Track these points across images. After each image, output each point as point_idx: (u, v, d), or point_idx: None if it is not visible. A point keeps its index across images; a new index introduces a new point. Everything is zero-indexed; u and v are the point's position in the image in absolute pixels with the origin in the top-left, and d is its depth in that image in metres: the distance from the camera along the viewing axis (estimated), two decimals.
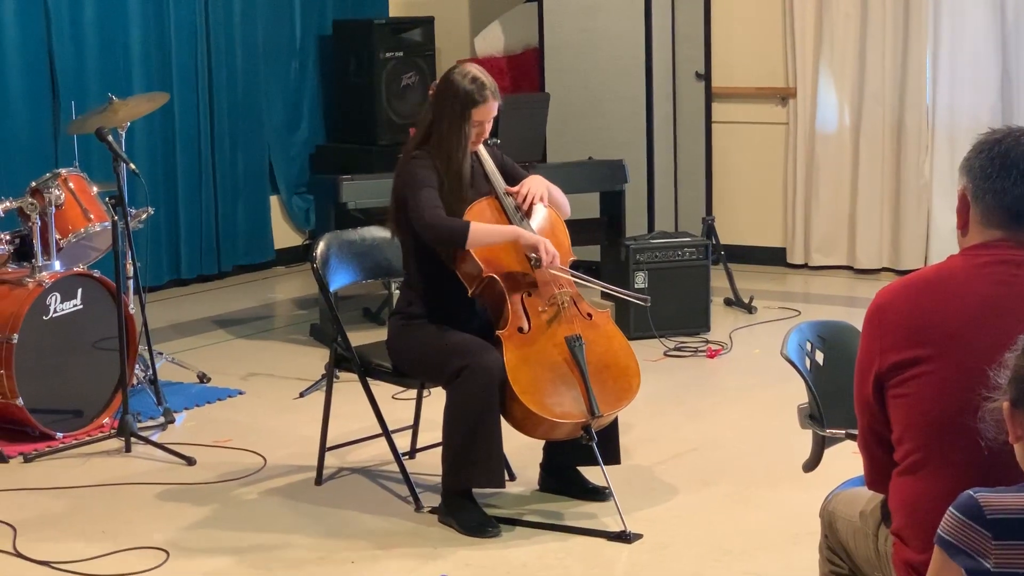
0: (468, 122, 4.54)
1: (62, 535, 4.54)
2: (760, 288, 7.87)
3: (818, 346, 3.39)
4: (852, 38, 8.34)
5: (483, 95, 4.54)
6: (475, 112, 4.54)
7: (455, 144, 4.55)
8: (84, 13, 7.78)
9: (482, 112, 4.56)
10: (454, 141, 4.55)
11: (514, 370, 4.43)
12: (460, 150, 4.56)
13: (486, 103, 4.55)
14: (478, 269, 4.52)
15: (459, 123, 4.54)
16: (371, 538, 4.48)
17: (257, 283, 8.76)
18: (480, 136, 4.62)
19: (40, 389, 5.41)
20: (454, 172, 4.57)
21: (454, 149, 4.56)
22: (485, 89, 4.55)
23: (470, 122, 4.55)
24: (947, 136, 8.16)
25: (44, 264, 5.50)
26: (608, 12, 8.22)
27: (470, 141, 4.58)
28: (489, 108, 4.57)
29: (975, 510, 2.11)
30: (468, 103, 4.53)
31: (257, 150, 8.92)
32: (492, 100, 4.57)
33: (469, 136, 4.56)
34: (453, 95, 4.55)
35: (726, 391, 6.18)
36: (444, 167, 4.56)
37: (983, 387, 2.34)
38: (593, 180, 7.55)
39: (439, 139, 4.57)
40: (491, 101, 4.56)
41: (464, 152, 4.58)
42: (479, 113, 4.55)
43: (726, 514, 4.65)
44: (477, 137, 4.61)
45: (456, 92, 4.55)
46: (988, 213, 2.65)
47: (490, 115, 4.59)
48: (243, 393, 6.18)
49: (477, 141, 4.63)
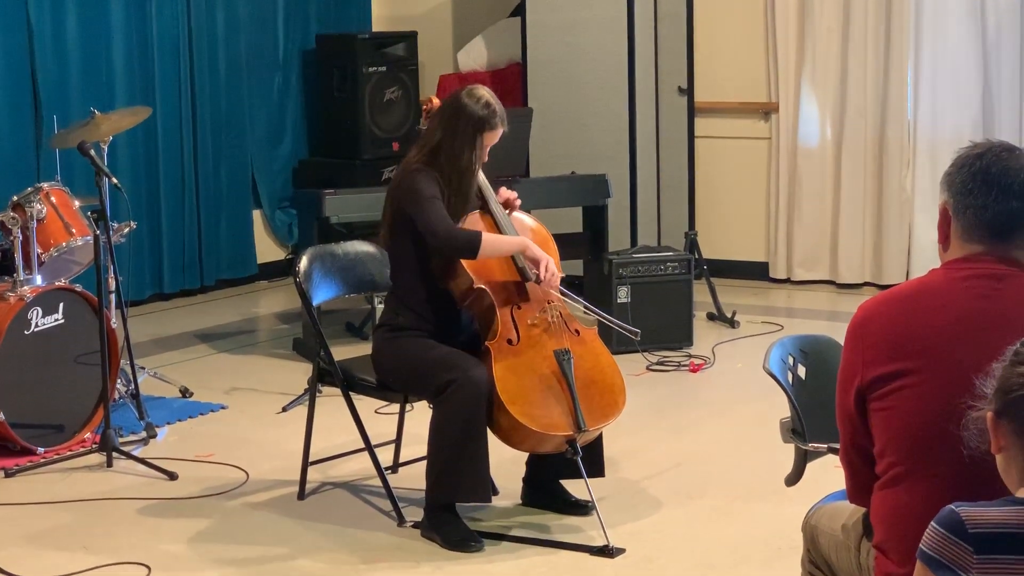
0: (479, 146, 4.59)
1: (43, 550, 4.52)
2: (743, 303, 7.88)
3: (800, 360, 3.40)
4: (834, 53, 8.37)
5: (494, 123, 4.61)
6: (487, 136, 4.61)
7: (466, 165, 4.59)
8: (67, 27, 7.78)
9: (492, 137, 4.63)
10: (465, 162, 4.59)
11: (502, 380, 4.43)
12: (471, 172, 4.61)
13: (496, 129, 4.63)
14: (469, 280, 4.53)
15: (471, 145, 4.58)
16: (354, 552, 4.47)
17: (240, 297, 8.75)
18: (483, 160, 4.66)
19: (21, 404, 5.39)
20: (463, 192, 4.60)
21: (465, 170, 4.60)
22: (496, 117, 4.62)
23: (481, 146, 4.59)
24: (929, 151, 8.19)
25: (26, 278, 5.48)
26: (591, 27, 8.23)
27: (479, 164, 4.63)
28: (498, 134, 4.65)
29: (957, 525, 2.12)
30: (481, 126, 4.59)
31: (240, 164, 8.91)
32: (501, 127, 4.64)
33: (480, 159, 4.61)
34: (467, 118, 4.58)
35: (709, 405, 6.19)
36: (453, 186, 4.59)
37: (966, 399, 2.35)
38: (576, 195, 7.57)
39: (450, 158, 4.59)
40: (500, 128, 4.64)
41: (474, 174, 4.63)
42: (490, 138, 4.63)
43: (709, 528, 4.66)
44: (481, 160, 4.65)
45: (470, 115, 4.58)
46: (969, 228, 2.66)
47: (496, 140, 4.65)
48: (226, 407, 6.16)
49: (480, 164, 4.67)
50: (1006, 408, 2.21)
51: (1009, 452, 2.22)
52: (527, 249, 4.58)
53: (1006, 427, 2.21)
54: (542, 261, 4.56)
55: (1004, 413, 2.21)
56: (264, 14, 9.01)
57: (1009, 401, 2.20)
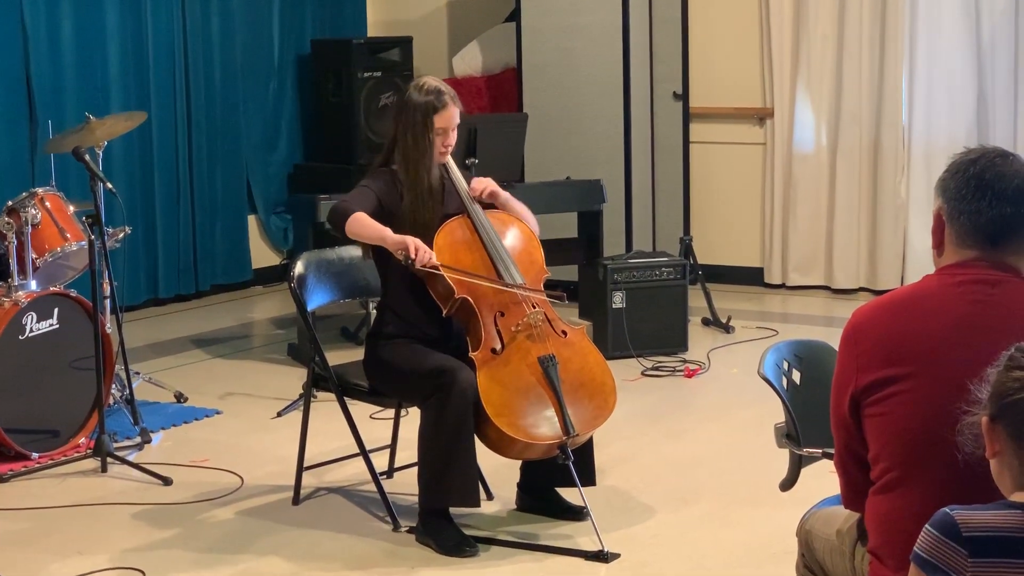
0: (431, 130, 4.57)
1: (38, 555, 4.52)
2: (738, 308, 7.89)
3: (795, 365, 3.40)
4: (829, 59, 8.39)
5: (442, 101, 4.58)
6: (437, 119, 4.57)
7: (420, 153, 4.58)
8: (62, 31, 7.78)
9: (444, 118, 4.58)
10: (419, 151, 4.58)
11: (487, 392, 4.42)
12: (427, 158, 4.59)
13: (446, 108, 4.58)
14: (450, 290, 4.52)
15: (423, 132, 4.57)
16: (348, 558, 4.47)
17: (235, 302, 8.75)
18: (446, 146, 4.63)
19: (16, 409, 5.38)
20: (423, 183, 4.58)
21: (420, 158, 4.58)
22: (443, 95, 4.59)
23: (433, 130, 4.57)
24: (923, 156, 8.21)
25: (20, 283, 5.47)
26: (586, 32, 8.24)
27: (436, 150, 4.60)
28: (451, 113, 4.59)
29: (951, 527, 2.12)
30: (429, 110, 4.57)
31: (235, 169, 8.91)
32: (452, 105, 4.60)
33: (434, 144, 4.58)
34: (413, 107, 4.58)
35: (704, 410, 6.19)
36: (412, 179, 4.58)
37: (960, 405, 2.35)
38: (571, 200, 7.58)
39: (404, 152, 4.60)
40: (451, 106, 4.59)
41: (431, 160, 4.60)
42: (441, 119, 4.58)
43: (704, 533, 4.66)
44: (443, 147, 4.62)
45: (415, 103, 4.58)
46: (963, 234, 2.66)
47: (453, 121, 4.61)
48: (220, 413, 6.16)
49: (444, 152, 4.64)
50: (1001, 413, 2.21)
51: (1003, 457, 2.22)
52: (385, 240, 4.49)
53: (1001, 432, 2.21)
54: (408, 244, 4.44)
55: (999, 418, 2.22)
56: (259, 19, 9.01)
57: (1004, 406, 2.21)
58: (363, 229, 4.51)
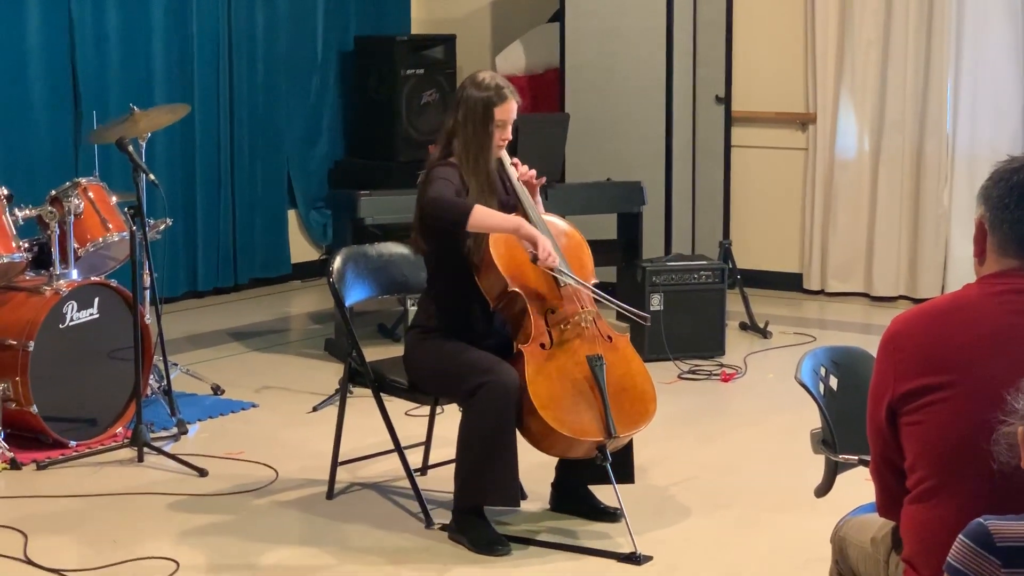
0: (492, 122, 4.59)
1: (73, 543, 4.55)
2: (775, 313, 7.86)
3: (832, 372, 3.39)
4: (873, 65, 8.35)
5: (502, 94, 4.60)
6: (497, 111, 4.59)
7: (481, 145, 4.60)
8: (108, 23, 7.83)
9: (504, 110, 4.61)
10: (480, 143, 4.59)
11: (533, 383, 4.43)
12: (487, 150, 4.61)
13: (506, 101, 4.61)
14: (503, 283, 4.53)
15: (484, 124, 4.59)
16: (381, 554, 4.48)
17: (273, 297, 8.78)
18: (504, 139, 4.64)
19: (55, 397, 5.42)
20: (483, 174, 4.60)
21: (481, 150, 4.60)
22: (504, 88, 4.63)
23: (494, 122, 4.59)
24: (967, 165, 8.16)
25: (62, 272, 5.51)
26: (630, 34, 8.23)
27: (495, 143, 4.61)
28: (510, 106, 4.62)
29: (985, 537, 2.11)
30: (490, 103, 4.59)
31: (276, 164, 8.95)
32: (512, 98, 4.63)
33: (494, 135, 4.60)
34: (474, 100, 4.60)
35: (739, 415, 6.17)
36: (471, 171, 4.59)
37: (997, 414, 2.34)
38: (611, 201, 7.57)
39: (464, 144, 4.60)
40: (511, 99, 4.62)
41: (490, 152, 4.62)
42: (501, 112, 4.60)
43: (737, 538, 4.65)
44: (501, 140, 4.64)
45: (477, 97, 4.60)
46: (1005, 243, 2.64)
47: (512, 114, 4.64)
48: (256, 406, 6.19)
49: (501, 144, 4.65)
50: None
51: None
52: (521, 228, 4.50)
53: None
54: (539, 241, 4.49)
55: None
56: (303, 15, 9.04)
57: None
58: (491, 219, 4.49)
